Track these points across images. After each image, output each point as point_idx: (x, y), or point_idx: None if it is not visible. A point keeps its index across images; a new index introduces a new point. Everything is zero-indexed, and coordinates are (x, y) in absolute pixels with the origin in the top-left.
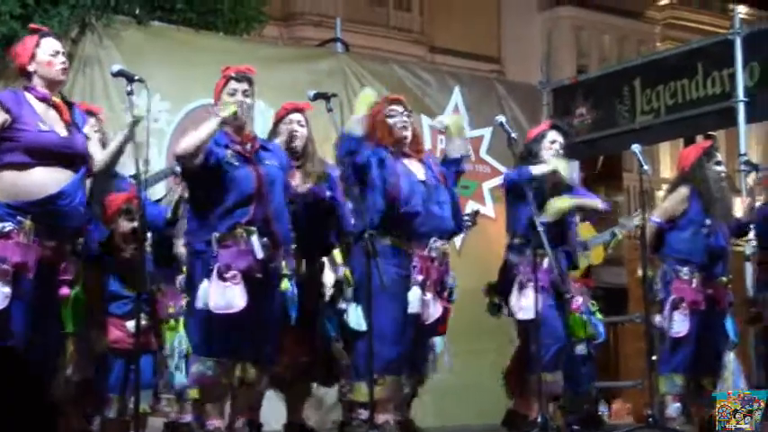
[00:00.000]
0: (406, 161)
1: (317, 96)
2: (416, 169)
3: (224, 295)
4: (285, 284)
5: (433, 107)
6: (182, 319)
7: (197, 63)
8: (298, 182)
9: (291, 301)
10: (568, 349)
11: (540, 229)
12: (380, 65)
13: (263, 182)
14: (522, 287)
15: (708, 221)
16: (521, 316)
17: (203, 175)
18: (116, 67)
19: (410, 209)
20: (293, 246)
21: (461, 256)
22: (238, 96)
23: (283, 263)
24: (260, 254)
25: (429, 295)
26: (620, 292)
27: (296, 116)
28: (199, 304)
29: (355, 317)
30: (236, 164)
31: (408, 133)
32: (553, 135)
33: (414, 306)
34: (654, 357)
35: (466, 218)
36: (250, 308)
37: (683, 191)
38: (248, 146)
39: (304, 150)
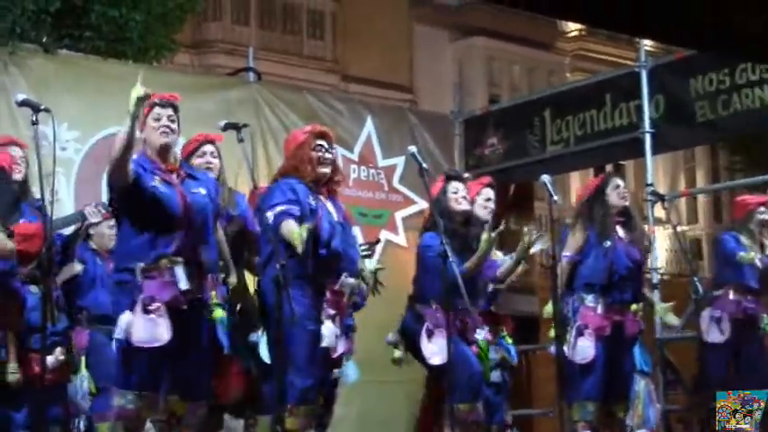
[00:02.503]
0: (321, 198)
1: (228, 126)
2: (330, 209)
3: (148, 328)
4: (219, 313)
5: (345, 137)
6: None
7: (106, 92)
8: None
9: (224, 330)
10: (483, 378)
11: (462, 286)
12: (293, 93)
13: (189, 209)
14: (429, 334)
15: (607, 244)
16: (434, 361)
17: (129, 202)
18: (21, 97)
19: (332, 250)
20: (222, 274)
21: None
22: (164, 121)
23: (213, 292)
24: (184, 285)
25: (338, 330)
26: (531, 321)
27: (209, 147)
28: (120, 336)
29: (265, 349)
30: (164, 190)
31: (328, 170)
32: (454, 186)
33: (328, 340)
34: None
35: (363, 247)
36: (175, 340)
37: (579, 223)
38: (174, 174)
39: (218, 180)
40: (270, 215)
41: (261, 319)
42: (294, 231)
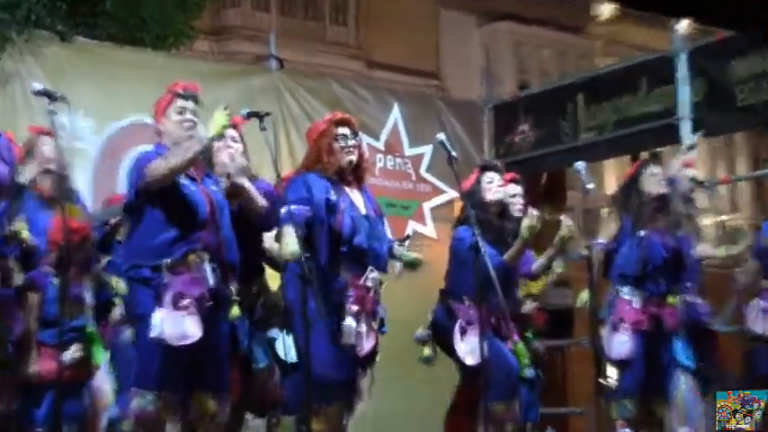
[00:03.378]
0: (347, 190)
1: (250, 115)
2: (358, 201)
3: (179, 325)
4: (235, 311)
5: (371, 124)
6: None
7: (123, 79)
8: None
9: (241, 328)
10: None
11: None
12: (316, 81)
13: (215, 207)
14: (463, 331)
15: (641, 233)
16: (468, 361)
17: (156, 199)
18: (37, 86)
19: (355, 246)
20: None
21: (400, 282)
22: (187, 115)
23: (232, 288)
24: (212, 281)
25: (363, 327)
26: (566, 314)
27: (230, 132)
28: (153, 334)
29: (283, 347)
30: (191, 188)
31: (354, 158)
32: (490, 176)
33: (348, 336)
34: (602, 381)
35: (396, 243)
36: (203, 337)
37: (614, 211)
38: (194, 171)
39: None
40: (283, 211)
41: (283, 316)
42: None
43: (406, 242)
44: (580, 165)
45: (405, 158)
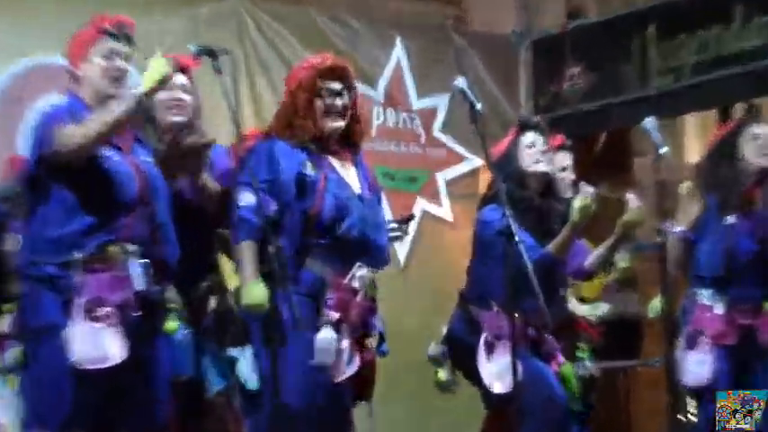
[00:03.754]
0: (334, 162)
1: (200, 53)
2: (349, 177)
3: (95, 342)
4: (172, 324)
5: (365, 68)
6: None
7: (32, 5)
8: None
9: (182, 346)
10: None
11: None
12: (292, 8)
13: (147, 185)
14: (490, 349)
15: (729, 220)
16: (496, 388)
17: (66, 172)
18: None
19: (341, 236)
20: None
21: (407, 275)
22: (117, 62)
23: (169, 293)
24: (140, 283)
25: (345, 343)
26: (631, 326)
27: (178, 78)
28: (62, 355)
29: (246, 368)
30: (114, 158)
31: (340, 123)
32: (530, 138)
33: (322, 353)
34: (680, 417)
35: (392, 226)
36: (129, 359)
37: (697, 188)
38: (124, 137)
39: (190, 126)
40: (236, 205)
41: (242, 327)
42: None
43: (406, 226)
44: (650, 122)
45: (411, 113)
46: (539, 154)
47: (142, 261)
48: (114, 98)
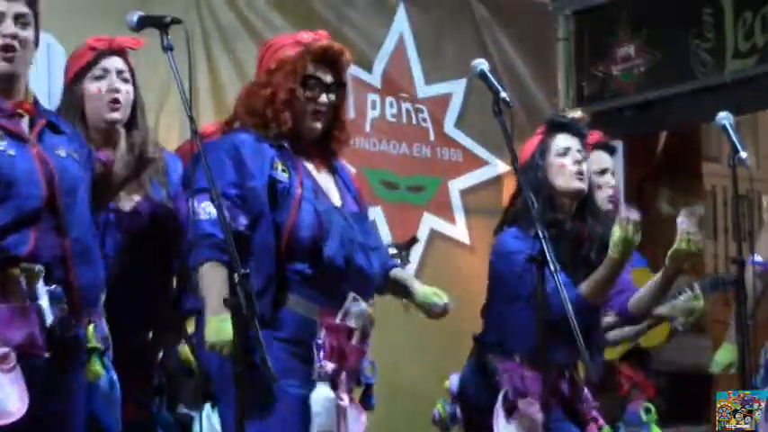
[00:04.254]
0: (309, 167)
1: (144, 23)
2: (326, 185)
3: None
4: (96, 368)
5: (359, 45)
6: None
7: None
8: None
9: (108, 398)
10: None
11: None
12: None
13: (57, 187)
14: (510, 407)
15: None
16: None
17: None
18: None
19: (324, 261)
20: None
21: (409, 311)
22: (8, 26)
23: (90, 328)
24: (49, 317)
25: (346, 399)
26: (697, 382)
27: (113, 62)
28: None
29: (203, 428)
30: (9, 152)
31: (319, 125)
32: (564, 141)
33: (322, 421)
34: None
35: (392, 251)
36: (33, 413)
37: None
38: (25, 120)
39: (130, 125)
40: (191, 215)
41: (202, 381)
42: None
43: (407, 252)
44: (726, 118)
45: (417, 103)
46: (574, 164)
47: (52, 287)
48: (6, 77)
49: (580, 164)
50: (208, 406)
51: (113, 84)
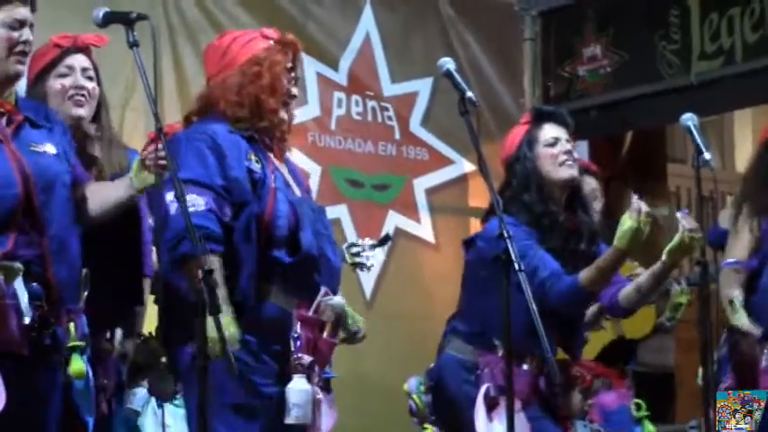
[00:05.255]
0: (273, 159)
1: (110, 19)
2: (288, 177)
3: None
4: (77, 365)
5: (324, 42)
6: None
7: None
8: None
9: (84, 395)
10: None
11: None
12: None
13: (32, 184)
14: (491, 404)
15: None
16: None
17: None
18: None
19: (300, 252)
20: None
21: (373, 310)
22: (24, 35)
23: (71, 326)
24: (28, 315)
25: (320, 392)
26: (663, 381)
27: (78, 60)
28: None
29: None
30: None
31: (286, 116)
32: (551, 131)
33: (300, 413)
34: None
35: (355, 249)
36: (10, 411)
37: (747, 207)
38: (3, 119)
39: (95, 122)
40: (172, 208)
41: (171, 376)
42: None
43: (380, 249)
44: (690, 119)
45: (383, 102)
46: (563, 154)
47: (30, 285)
48: (16, 79)
49: (570, 153)
50: (153, 401)
51: (78, 81)
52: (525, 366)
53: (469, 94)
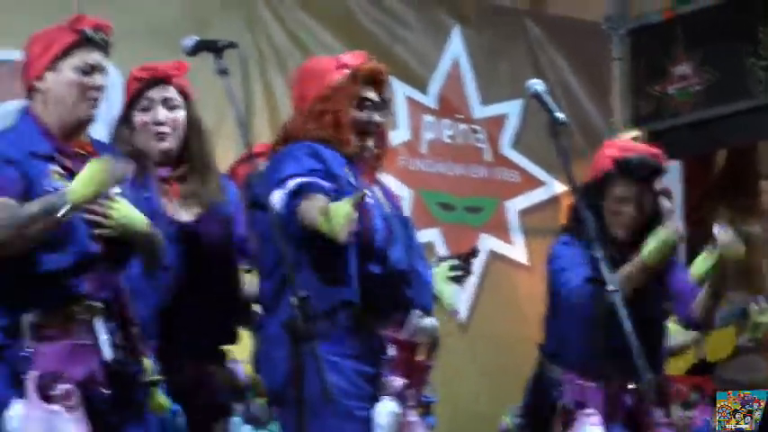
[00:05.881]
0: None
1: (199, 47)
2: (380, 196)
3: (50, 430)
4: (160, 400)
5: (414, 66)
6: None
7: None
8: (174, 208)
9: (175, 429)
10: None
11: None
12: None
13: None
14: (567, 420)
15: None
16: None
17: None
18: None
19: (392, 267)
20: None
21: (469, 332)
22: (94, 78)
23: (148, 362)
24: (109, 351)
25: (413, 416)
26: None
27: (159, 92)
28: None
29: None
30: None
31: (372, 143)
32: (622, 192)
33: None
34: None
35: (446, 264)
36: None
37: None
38: (83, 159)
39: (185, 150)
40: (277, 196)
41: (264, 404)
42: (328, 209)
43: (468, 264)
44: None
45: (473, 124)
46: (625, 216)
47: (109, 324)
48: (87, 123)
49: (633, 218)
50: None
51: (157, 116)
52: (603, 383)
53: (558, 114)
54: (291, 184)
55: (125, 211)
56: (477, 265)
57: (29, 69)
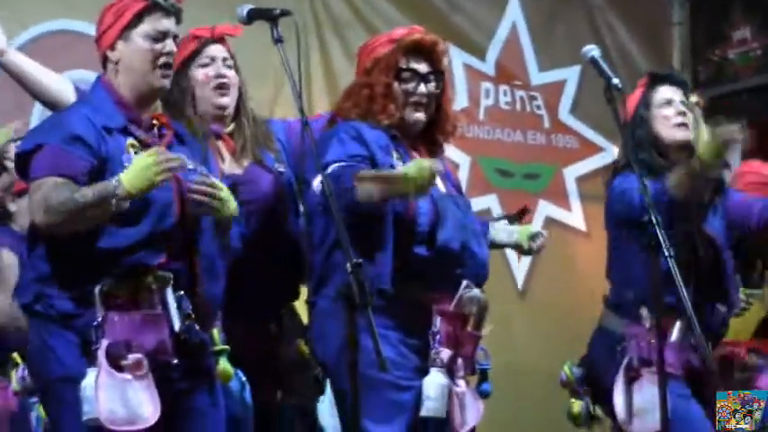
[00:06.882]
0: (416, 156)
1: (254, 16)
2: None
3: (122, 398)
4: (227, 368)
5: (471, 34)
6: None
7: None
8: (226, 164)
9: (242, 401)
10: None
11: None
12: None
13: (188, 203)
14: (633, 377)
15: None
16: (636, 428)
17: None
18: None
19: (440, 247)
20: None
21: (527, 300)
22: (167, 45)
23: (215, 331)
24: (177, 323)
25: (462, 385)
26: None
27: (217, 50)
28: (84, 412)
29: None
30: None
31: (422, 115)
32: (666, 93)
33: (433, 405)
34: None
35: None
36: (164, 421)
37: None
38: (158, 133)
39: (237, 109)
40: (316, 182)
41: (318, 374)
42: (395, 174)
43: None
44: None
45: (531, 91)
46: (676, 115)
47: (178, 294)
48: (160, 92)
49: (684, 115)
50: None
51: (220, 70)
52: (674, 338)
53: (615, 80)
54: (329, 170)
55: (227, 194)
56: (535, 225)
57: (101, 40)
